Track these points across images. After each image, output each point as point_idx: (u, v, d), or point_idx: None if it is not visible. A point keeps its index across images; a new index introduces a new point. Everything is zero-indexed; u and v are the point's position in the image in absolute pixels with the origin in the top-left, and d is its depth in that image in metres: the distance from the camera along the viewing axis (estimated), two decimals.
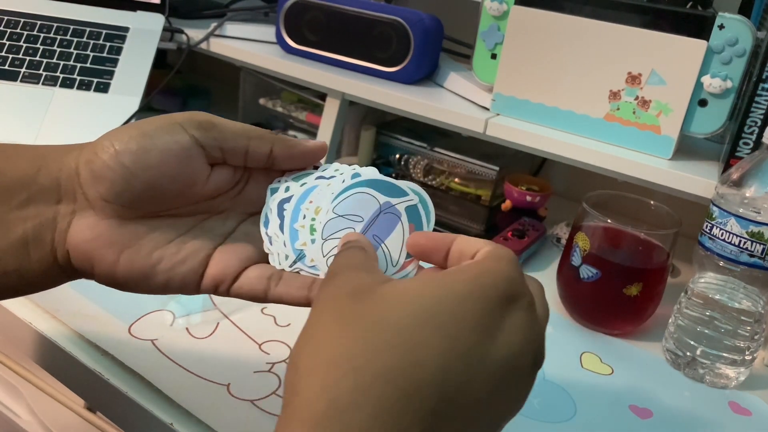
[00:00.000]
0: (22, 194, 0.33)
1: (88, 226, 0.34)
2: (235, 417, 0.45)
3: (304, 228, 0.35)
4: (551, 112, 0.68)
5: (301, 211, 0.35)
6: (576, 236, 0.61)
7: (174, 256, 0.35)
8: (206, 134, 0.34)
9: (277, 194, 0.36)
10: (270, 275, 0.35)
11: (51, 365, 0.53)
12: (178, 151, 0.34)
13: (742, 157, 0.60)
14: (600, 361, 0.58)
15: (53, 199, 0.34)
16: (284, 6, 0.82)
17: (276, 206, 0.36)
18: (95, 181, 0.34)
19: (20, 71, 0.79)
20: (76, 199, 0.34)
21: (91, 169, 0.34)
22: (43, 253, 0.34)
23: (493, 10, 0.69)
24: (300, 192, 0.36)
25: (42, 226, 0.34)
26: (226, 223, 0.37)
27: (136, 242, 0.35)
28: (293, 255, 0.35)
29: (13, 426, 0.73)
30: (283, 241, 0.35)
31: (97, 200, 0.34)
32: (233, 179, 0.37)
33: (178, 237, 0.36)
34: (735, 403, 0.55)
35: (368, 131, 0.88)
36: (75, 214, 0.34)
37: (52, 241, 0.34)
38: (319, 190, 0.35)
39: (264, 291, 0.35)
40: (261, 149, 0.35)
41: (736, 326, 0.55)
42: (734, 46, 0.59)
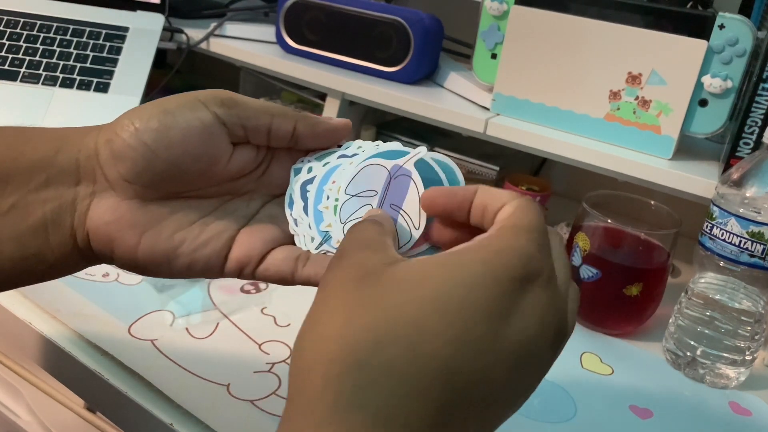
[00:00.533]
0: (41, 176, 0.33)
1: (108, 208, 0.33)
2: (235, 417, 0.45)
3: (328, 209, 0.34)
4: (551, 112, 0.68)
5: (324, 192, 0.34)
6: (576, 236, 0.61)
7: (197, 238, 0.34)
8: (229, 111, 0.33)
9: (300, 175, 0.35)
10: (297, 256, 0.34)
11: (51, 365, 0.53)
12: (200, 128, 0.33)
13: (743, 157, 0.60)
14: (600, 361, 0.58)
15: (72, 180, 0.33)
16: (284, 6, 0.82)
17: (299, 188, 0.35)
18: (115, 160, 0.32)
19: (20, 71, 0.79)
20: (96, 180, 0.33)
21: (111, 149, 0.32)
22: (62, 236, 0.33)
23: (494, 9, 0.69)
24: (323, 172, 0.35)
25: (61, 209, 0.33)
26: (250, 205, 0.36)
27: (158, 224, 0.34)
28: (319, 237, 0.34)
29: (12, 426, 0.73)
30: (308, 223, 0.34)
31: (117, 180, 0.33)
32: (256, 159, 0.35)
33: (200, 219, 0.35)
34: (735, 404, 0.55)
35: (368, 131, 0.88)
36: (95, 195, 0.33)
37: (71, 223, 0.33)
38: (342, 169, 0.34)
39: (291, 272, 0.34)
40: (284, 127, 0.34)
41: (737, 326, 0.55)
42: (734, 46, 0.59)
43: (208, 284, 0.59)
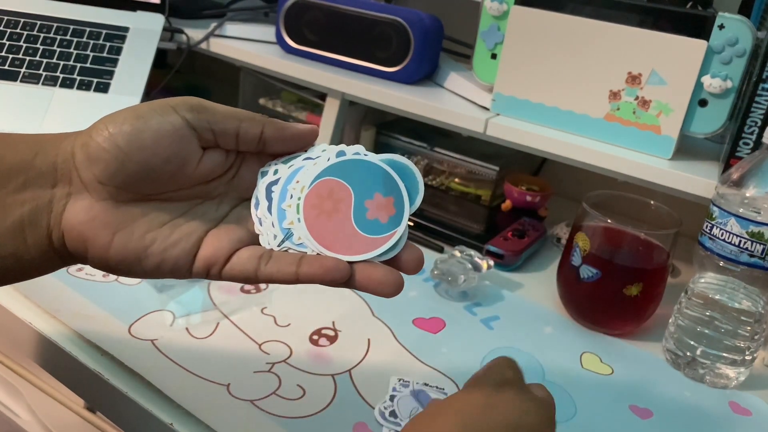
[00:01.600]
0: (20, 178, 0.34)
1: (83, 208, 0.35)
2: (235, 417, 0.45)
3: (290, 207, 0.36)
4: (551, 112, 0.68)
5: (288, 192, 0.36)
6: (576, 236, 0.61)
7: (167, 239, 0.35)
8: (198, 116, 0.35)
9: (266, 177, 0.37)
10: (260, 255, 0.36)
11: (51, 365, 0.53)
12: (170, 132, 0.34)
13: (742, 157, 0.60)
14: (600, 361, 0.58)
15: (49, 182, 0.35)
16: (284, 6, 0.82)
17: (264, 188, 0.36)
18: (90, 162, 0.34)
19: (20, 71, 0.79)
20: (71, 182, 0.35)
21: (86, 152, 0.34)
22: (39, 236, 0.35)
23: (493, 10, 0.69)
24: (287, 173, 0.36)
25: (38, 209, 0.34)
26: (219, 208, 0.38)
27: (130, 224, 0.35)
28: (281, 234, 0.36)
29: (13, 426, 0.73)
30: (271, 221, 0.36)
31: (92, 182, 0.34)
32: (226, 163, 0.37)
33: (171, 220, 0.36)
34: (735, 403, 0.55)
35: (368, 131, 0.88)
36: (70, 196, 0.35)
37: (48, 224, 0.35)
38: (305, 170, 0.36)
39: (255, 270, 0.35)
40: (252, 131, 0.36)
41: (736, 326, 0.55)
42: (734, 46, 0.59)
43: (209, 284, 0.59)
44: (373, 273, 0.35)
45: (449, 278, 0.63)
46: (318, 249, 0.35)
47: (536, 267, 0.73)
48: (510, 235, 0.73)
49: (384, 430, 0.46)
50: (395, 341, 0.56)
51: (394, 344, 0.56)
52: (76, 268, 0.58)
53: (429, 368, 0.53)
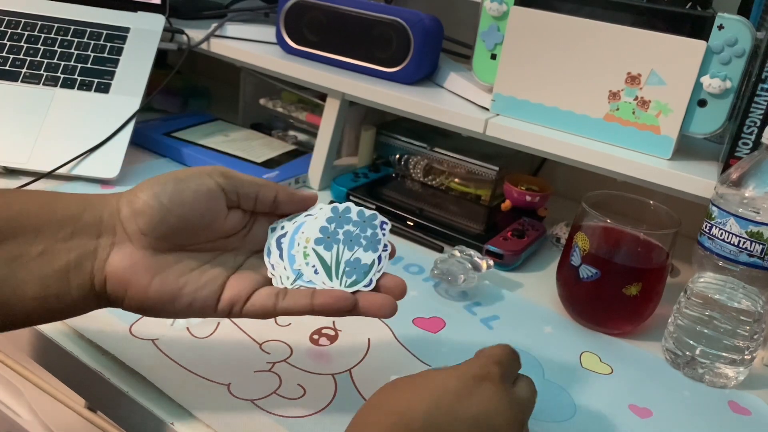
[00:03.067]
0: (68, 229, 0.40)
1: (126, 256, 0.40)
2: (236, 416, 0.45)
3: (298, 253, 0.44)
4: (551, 113, 0.68)
5: (296, 240, 0.44)
6: (575, 236, 0.62)
7: (196, 282, 0.42)
8: (227, 181, 0.43)
9: (276, 231, 0.45)
10: (277, 293, 0.42)
11: (52, 365, 0.53)
12: (205, 192, 0.42)
13: (742, 157, 0.60)
14: (599, 360, 0.58)
15: (95, 233, 0.40)
16: (284, 6, 0.82)
17: (275, 240, 0.45)
18: (136, 216, 0.40)
19: (21, 71, 0.80)
20: (116, 233, 0.41)
21: (132, 207, 0.40)
22: (82, 279, 0.40)
23: (493, 10, 0.69)
24: (293, 228, 0.45)
25: (84, 256, 0.40)
26: (236, 258, 0.45)
27: (167, 269, 0.41)
28: (293, 275, 0.43)
29: (14, 425, 0.73)
30: (283, 266, 0.44)
31: (135, 233, 0.41)
32: (243, 221, 0.45)
33: (199, 267, 0.42)
34: (734, 403, 0.55)
35: (368, 131, 0.88)
36: (114, 246, 0.41)
37: (91, 269, 0.40)
38: (307, 224, 0.45)
39: (273, 305, 0.42)
40: (268, 195, 0.44)
41: (736, 326, 0.55)
42: (733, 46, 0.59)
43: None
44: (374, 300, 0.42)
45: (449, 278, 0.63)
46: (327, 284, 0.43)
47: (536, 267, 0.73)
48: (510, 235, 0.73)
49: None
50: (395, 341, 0.56)
51: (394, 344, 0.56)
52: None
53: (429, 368, 0.53)
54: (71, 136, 0.75)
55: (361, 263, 0.44)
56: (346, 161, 0.92)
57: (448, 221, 0.77)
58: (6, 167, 0.73)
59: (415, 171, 0.87)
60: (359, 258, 0.44)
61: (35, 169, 0.72)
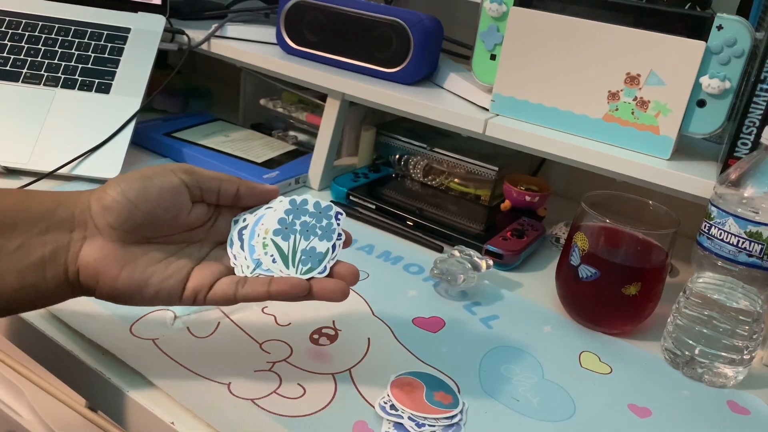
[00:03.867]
0: (43, 224, 0.42)
1: (96, 248, 0.43)
2: (236, 416, 0.45)
3: (258, 244, 0.46)
4: (550, 113, 0.69)
5: (256, 232, 0.47)
6: (575, 236, 0.62)
7: (163, 272, 0.44)
8: (190, 177, 0.45)
9: (238, 224, 0.47)
10: (237, 281, 0.45)
11: (52, 364, 0.53)
12: (169, 189, 0.44)
13: (741, 158, 0.60)
14: (599, 360, 0.58)
15: (68, 228, 0.43)
16: (284, 7, 0.82)
17: (237, 232, 0.47)
18: (105, 212, 0.43)
19: (22, 72, 0.80)
20: (87, 228, 0.43)
21: (101, 204, 0.43)
22: (56, 271, 0.42)
23: (493, 11, 0.69)
24: (254, 220, 0.47)
25: (58, 249, 0.42)
26: (201, 250, 0.47)
27: (135, 260, 0.44)
28: (253, 264, 0.46)
29: (14, 425, 0.74)
30: (244, 256, 0.46)
31: (105, 227, 0.43)
32: (207, 214, 0.47)
33: (165, 258, 0.45)
34: (733, 402, 0.55)
35: (368, 131, 0.89)
36: (86, 239, 0.43)
37: (65, 261, 0.42)
38: (267, 216, 0.47)
39: (233, 293, 0.44)
40: (230, 189, 0.47)
41: (735, 326, 0.55)
42: (733, 46, 0.59)
43: None
44: (327, 285, 0.45)
45: (449, 278, 0.64)
46: (284, 272, 0.45)
47: (535, 266, 0.73)
48: (509, 235, 0.73)
49: (385, 423, 0.46)
50: (395, 340, 0.56)
51: (394, 343, 0.56)
52: None
53: (429, 367, 0.53)
54: (72, 137, 0.76)
55: (316, 252, 0.46)
56: (346, 161, 0.92)
57: (447, 221, 0.77)
58: (7, 167, 0.73)
59: (414, 171, 0.87)
60: (314, 247, 0.46)
61: (36, 170, 0.73)
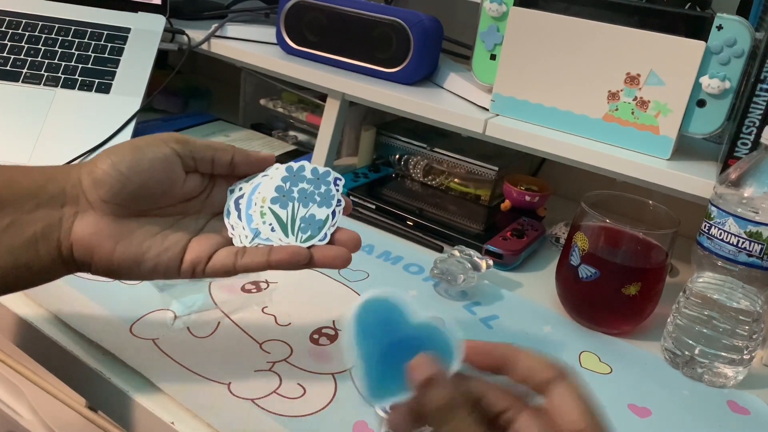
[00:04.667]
0: (34, 201, 0.41)
1: (89, 223, 0.42)
2: (236, 416, 0.45)
3: (255, 213, 0.45)
4: (550, 113, 0.69)
5: (253, 201, 0.46)
6: (575, 236, 0.62)
7: (159, 246, 0.43)
8: (182, 147, 0.44)
9: (234, 193, 0.46)
10: (236, 252, 0.44)
11: (52, 364, 0.53)
12: (162, 159, 0.43)
13: (741, 158, 0.60)
14: (599, 360, 0.58)
15: (59, 203, 0.42)
16: (285, 7, 0.82)
17: (234, 202, 0.46)
18: (96, 185, 0.41)
19: (22, 72, 0.80)
20: (79, 203, 0.42)
21: (92, 178, 0.41)
22: (50, 248, 0.41)
23: (493, 11, 0.69)
24: (250, 188, 0.46)
25: (50, 226, 0.41)
26: (198, 221, 0.46)
27: (129, 235, 0.43)
28: (251, 233, 0.45)
29: (14, 425, 0.74)
30: (242, 225, 0.45)
31: (97, 201, 0.42)
32: (202, 184, 0.46)
33: (161, 231, 0.44)
34: (733, 402, 0.55)
35: (368, 131, 0.89)
36: (78, 214, 0.42)
37: (58, 237, 0.41)
38: (263, 184, 0.46)
39: (233, 264, 0.43)
40: (224, 158, 0.45)
41: (735, 326, 0.55)
42: (733, 46, 0.59)
43: (209, 284, 0.60)
44: (328, 252, 0.44)
45: (449, 278, 0.64)
46: (284, 241, 0.44)
47: (535, 266, 0.73)
48: (509, 235, 0.73)
49: (385, 423, 0.46)
50: None
51: None
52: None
53: None
54: (72, 137, 0.76)
55: (315, 219, 0.45)
56: (346, 161, 0.92)
57: (447, 221, 0.77)
58: None
59: (414, 171, 0.87)
60: (314, 214, 0.45)
61: None
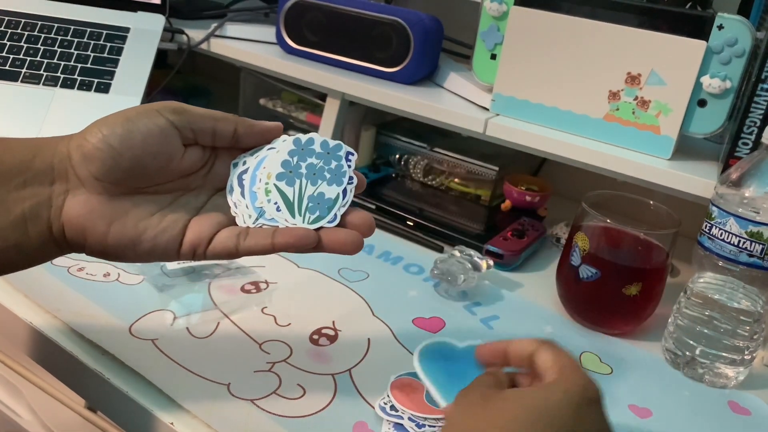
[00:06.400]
0: (20, 178, 0.38)
1: (80, 202, 0.39)
2: (236, 416, 0.45)
3: (260, 190, 0.42)
4: (551, 112, 0.68)
5: (257, 176, 0.42)
6: (575, 236, 0.62)
7: (156, 226, 0.40)
8: (179, 117, 0.40)
9: (237, 167, 0.42)
10: (239, 233, 0.41)
11: (52, 365, 0.53)
12: (157, 132, 0.39)
13: (742, 157, 0.60)
14: (599, 360, 0.58)
15: (48, 180, 0.39)
16: (284, 6, 0.82)
17: (237, 177, 0.42)
18: (86, 161, 0.38)
19: (21, 71, 0.80)
20: (68, 180, 0.39)
21: (82, 152, 0.38)
22: (40, 228, 0.39)
23: (493, 10, 0.69)
24: (255, 163, 0.42)
25: (39, 205, 0.38)
26: (198, 198, 0.43)
27: (124, 215, 0.40)
28: (255, 213, 0.41)
29: (14, 425, 0.73)
30: (245, 204, 0.41)
31: (88, 178, 0.39)
32: (203, 158, 0.42)
33: (159, 210, 0.41)
34: (734, 403, 0.55)
35: (368, 131, 0.88)
36: (68, 192, 0.39)
37: (48, 217, 0.39)
38: (269, 158, 0.42)
39: (235, 246, 0.40)
40: (226, 129, 0.41)
41: (736, 326, 0.55)
42: (733, 46, 0.59)
43: (209, 284, 0.60)
44: (337, 236, 0.40)
45: (449, 278, 0.63)
46: (290, 221, 0.41)
47: (536, 267, 0.73)
48: (509, 235, 0.73)
49: (385, 423, 0.46)
50: (395, 341, 0.56)
51: (394, 344, 0.56)
52: (77, 268, 0.59)
53: None
54: None
55: (324, 198, 0.41)
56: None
57: (448, 221, 0.76)
58: None
59: (415, 171, 0.87)
60: (323, 192, 0.41)
61: None
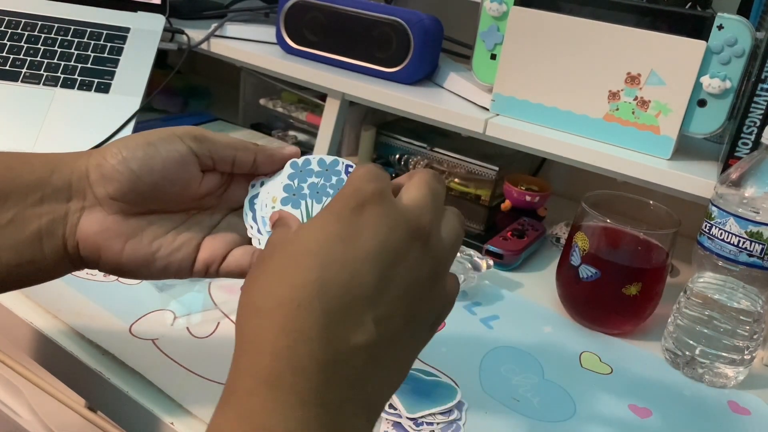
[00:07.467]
0: (37, 194, 0.38)
1: (96, 221, 0.39)
2: None
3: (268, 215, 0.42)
4: (551, 113, 0.68)
5: (264, 202, 0.43)
6: (575, 236, 0.62)
7: (170, 245, 0.41)
8: (200, 145, 0.40)
9: (250, 192, 0.43)
10: (252, 252, 0.41)
11: (52, 364, 0.53)
12: (177, 158, 0.39)
13: (741, 157, 0.60)
14: (599, 360, 0.58)
15: (65, 197, 0.39)
16: (284, 7, 0.82)
17: (248, 201, 0.43)
18: (105, 181, 0.39)
19: (21, 71, 0.80)
20: (85, 197, 0.39)
21: (101, 172, 0.39)
22: (55, 244, 0.39)
23: (493, 10, 0.69)
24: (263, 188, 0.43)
25: (55, 221, 0.39)
26: (212, 217, 0.43)
27: (139, 233, 0.40)
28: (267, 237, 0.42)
29: (14, 425, 0.73)
30: (257, 228, 0.42)
31: (105, 198, 0.39)
32: (221, 182, 0.42)
33: (173, 229, 0.41)
34: (734, 403, 0.55)
35: (368, 131, 0.88)
36: (84, 210, 0.39)
37: (63, 234, 0.39)
38: (272, 183, 0.43)
39: (249, 264, 0.41)
40: (246, 159, 0.41)
41: (735, 326, 0.55)
42: (733, 46, 0.59)
43: (209, 284, 0.60)
44: None
45: None
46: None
47: (536, 267, 0.73)
48: (509, 235, 0.73)
49: (384, 423, 0.46)
50: None
51: None
52: None
53: (429, 367, 0.53)
54: (71, 136, 0.75)
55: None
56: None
57: None
58: None
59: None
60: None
61: None
